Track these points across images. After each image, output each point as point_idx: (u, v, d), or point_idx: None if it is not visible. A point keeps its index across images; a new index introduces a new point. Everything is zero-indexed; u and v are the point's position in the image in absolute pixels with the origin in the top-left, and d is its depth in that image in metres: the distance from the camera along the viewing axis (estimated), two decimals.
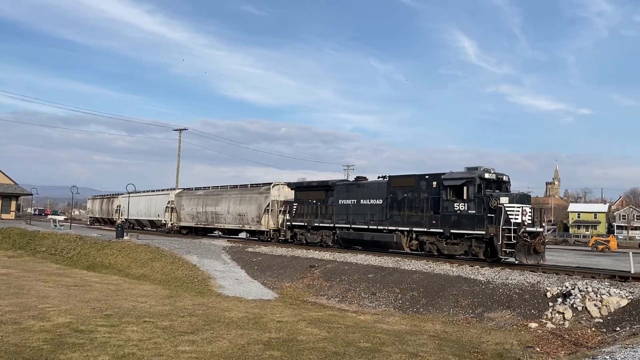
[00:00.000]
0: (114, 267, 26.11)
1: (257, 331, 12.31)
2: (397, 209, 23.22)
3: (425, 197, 22.03)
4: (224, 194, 36.30)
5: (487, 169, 20.93)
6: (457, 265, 20.08)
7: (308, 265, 23.03)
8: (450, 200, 20.88)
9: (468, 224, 20.24)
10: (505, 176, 21.52)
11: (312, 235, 28.16)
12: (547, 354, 11.43)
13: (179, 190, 43.50)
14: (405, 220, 22.77)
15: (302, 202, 28.79)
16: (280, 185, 32.42)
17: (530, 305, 15.27)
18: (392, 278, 19.42)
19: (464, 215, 20.36)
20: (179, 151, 59.68)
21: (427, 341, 12.20)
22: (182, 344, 10.63)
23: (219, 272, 23.53)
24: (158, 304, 15.77)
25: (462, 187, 20.53)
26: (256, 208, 32.39)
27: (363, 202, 25.10)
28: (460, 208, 20.50)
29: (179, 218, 41.14)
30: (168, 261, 25.06)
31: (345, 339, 11.93)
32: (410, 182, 22.97)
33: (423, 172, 22.69)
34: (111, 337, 10.89)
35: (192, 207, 39.36)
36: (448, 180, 21.12)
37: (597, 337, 12.55)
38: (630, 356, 7.73)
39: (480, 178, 20.28)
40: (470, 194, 20.23)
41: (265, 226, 31.58)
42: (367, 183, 25.90)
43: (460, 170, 21.42)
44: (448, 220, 20.92)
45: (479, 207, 19.91)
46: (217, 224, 36.66)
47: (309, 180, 30.88)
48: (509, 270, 18.50)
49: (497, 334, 13.46)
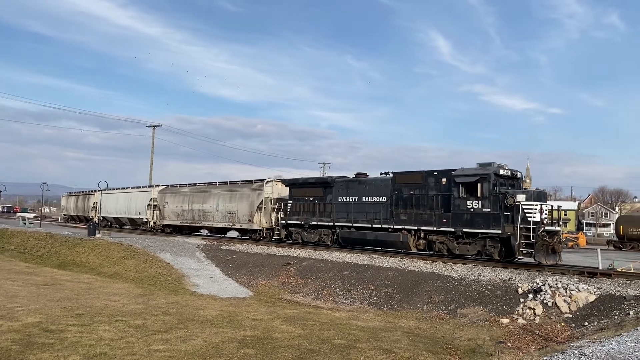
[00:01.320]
0: (86, 265, 25.70)
1: (231, 329, 12.25)
2: (402, 207, 22.23)
3: (434, 194, 21.05)
4: (212, 191, 34.92)
5: (501, 165, 20.01)
6: (431, 262, 20.29)
7: (283, 263, 23.00)
8: (463, 197, 19.90)
9: (482, 223, 19.29)
10: (519, 173, 20.73)
11: (309, 234, 26.97)
12: (518, 349, 11.64)
13: (162, 187, 41.67)
14: (413, 219, 21.72)
15: (298, 200, 27.58)
16: (273, 181, 31.30)
17: (502, 301, 15.53)
18: (367, 275, 19.52)
19: (478, 214, 19.42)
20: (153, 148, 59.04)
21: (401, 337, 12.31)
22: (156, 343, 10.52)
23: (193, 270, 23.33)
24: (131, 303, 15.57)
25: (476, 184, 19.55)
26: (248, 206, 31.23)
27: (365, 200, 24.00)
28: (474, 206, 19.55)
29: (163, 216, 39.67)
30: (141, 259, 24.76)
31: (320, 336, 11.96)
32: (416, 178, 21.95)
33: (431, 169, 21.72)
34: (82, 337, 10.71)
35: (177, 204, 37.87)
36: (460, 177, 20.10)
37: (567, 332, 12.83)
38: (598, 350, 7.92)
39: (495, 175, 19.37)
40: (484, 191, 19.29)
41: (257, 225, 30.49)
42: (369, 180, 24.72)
43: (471, 167, 20.46)
44: (460, 219, 19.96)
45: (494, 205, 19.01)
46: (204, 222, 35.28)
47: (306, 177, 29.23)
48: (481, 266, 18.77)
49: (470, 330, 13.65)
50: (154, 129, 59.78)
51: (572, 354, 7.80)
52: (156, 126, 60.31)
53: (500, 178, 19.59)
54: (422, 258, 21.10)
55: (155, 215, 40.83)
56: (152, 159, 58.89)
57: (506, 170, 19.92)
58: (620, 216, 52.08)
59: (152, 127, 60.14)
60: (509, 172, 20.03)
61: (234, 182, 34.85)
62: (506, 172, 19.89)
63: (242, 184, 33.63)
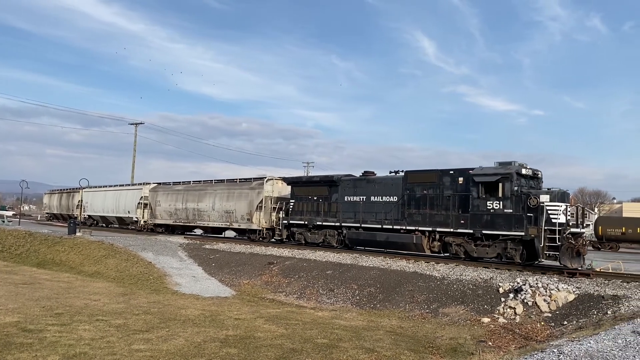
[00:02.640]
0: (66, 264, 25.38)
1: (214, 329, 12.19)
2: (415, 207, 21.29)
3: (450, 194, 20.18)
4: (208, 189, 33.62)
5: (522, 164, 19.15)
6: (414, 261, 20.40)
7: (267, 262, 22.94)
8: (482, 198, 19.00)
9: (504, 225, 18.43)
10: (540, 172, 19.82)
11: (313, 235, 25.84)
12: (498, 348, 11.76)
13: (154, 185, 40.09)
14: (427, 220, 20.79)
15: (301, 199, 26.46)
16: (274, 180, 29.99)
17: (484, 300, 15.68)
18: (350, 274, 19.57)
19: (499, 215, 18.54)
20: (135, 146, 58.51)
21: (383, 336, 12.36)
22: (137, 343, 10.42)
23: (175, 269, 23.17)
24: (112, 302, 15.41)
25: (497, 183, 18.62)
26: (247, 205, 29.92)
27: (374, 200, 22.98)
28: (495, 207, 18.67)
29: (154, 215, 38.10)
30: (122, 258, 24.53)
31: (303, 335, 11.95)
32: (431, 177, 21.07)
33: (446, 167, 20.95)
34: (62, 337, 10.57)
35: (169, 203, 36.42)
36: (480, 176, 19.17)
37: (546, 331, 12.99)
38: (577, 349, 8.03)
39: (517, 174, 18.56)
40: (506, 191, 18.41)
41: (257, 224, 29.23)
42: (378, 179, 23.74)
43: (490, 165, 19.63)
44: (479, 220, 19.08)
45: (517, 206, 18.18)
46: (199, 222, 33.98)
47: (309, 175, 27.98)
48: (463, 266, 18.93)
49: (452, 329, 13.75)
50: (136, 127, 59.25)
51: (551, 353, 7.90)
52: (139, 124, 59.78)
53: (522, 177, 18.84)
54: (405, 257, 21.20)
55: (146, 214, 39.32)
56: (134, 157, 58.39)
57: (528, 170, 19.16)
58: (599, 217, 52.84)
59: (135, 124, 59.60)
60: (530, 172, 19.27)
61: (231, 180, 33.49)
62: (528, 172, 19.12)
63: (240, 182, 32.33)
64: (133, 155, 58.33)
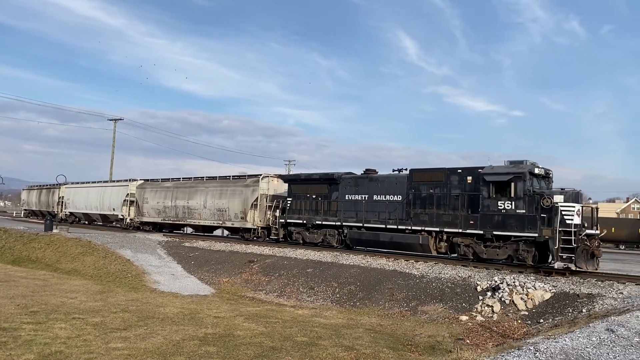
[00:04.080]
0: (42, 261, 25.00)
1: (192, 327, 12.12)
2: (421, 206, 20.61)
3: (458, 193, 19.59)
4: (199, 186, 32.56)
5: (534, 163, 18.56)
6: (394, 259, 20.51)
7: (247, 260, 22.87)
8: (493, 197, 18.38)
9: (516, 225, 17.82)
10: (551, 172, 19.33)
11: (311, 235, 24.93)
12: (476, 345, 11.90)
13: (141, 181, 38.70)
14: (435, 220, 20.10)
15: (299, 197, 25.58)
16: (269, 177, 29.15)
17: (462, 298, 15.84)
18: (331, 272, 19.61)
19: (511, 215, 17.93)
20: (114, 142, 57.80)
21: (363, 334, 12.41)
22: (114, 341, 10.31)
23: (154, 267, 22.97)
24: (89, 300, 15.22)
25: (509, 183, 18.02)
26: (241, 203, 28.96)
27: (377, 199, 22.25)
28: (506, 207, 18.05)
29: (141, 213, 36.84)
30: (100, 255, 24.25)
31: (283, 333, 11.95)
32: (437, 176, 20.43)
33: (453, 166, 20.35)
34: (37, 335, 10.41)
35: (158, 200, 35.16)
36: (490, 175, 18.56)
37: (523, 329, 13.18)
38: (552, 346, 8.17)
39: (530, 173, 18.02)
40: (518, 191, 17.83)
41: (251, 223, 28.25)
42: (382, 177, 22.92)
43: (500, 164, 19.04)
44: (490, 221, 18.44)
45: (530, 206, 17.59)
46: (189, 220, 32.88)
47: (308, 173, 26.49)
48: (442, 264, 19.09)
49: (430, 327, 13.87)
50: (115, 123, 58.57)
51: (527, 350, 8.02)
52: (117, 120, 59.11)
53: (534, 177, 18.31)
54: (385, 256, 21.29)
55: (132, 211, 37.90)
56: (113, 153, 57.69)
57: (540, 169, 18.59)
58: None
59: (114, 120, 58.92)
60: (542, 171, 18.71)
61: (224, 177, 32.59)
62: (540, 171, 18.55)
63: (234, 179, 31.49)
64: (112, 152, 57.67)
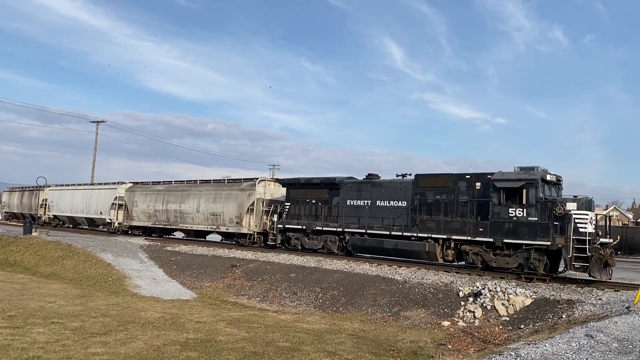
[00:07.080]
0: (20, 264, 24.59)
1: (174, 332, 12.01)
2: (427, 213, 20.02)
3: (466, 199, 19.04)
4: (192, 190, 31.62)
5: (545, 170, 18.09)
6: (377, 264, 20.54)
7: (229, 265, 22.74)
8: (504, 204, 17.84)
9: (528, 233, 17.25)
10: (562, 178, 18.94)
11: (311, 241, 24.22)
12: (458, 351, 11.97)
13: (130, 184, 37.52)
14: (442, 227, 19.49)
15: (298, 202, 24.87)
16: (266, 181, 28.39)
17: (444, 304, 15.92)
18: (314, 277, 19.58)
19: (523, 223, 17.36)
20: (96, 144, 57.24)
21: (345, 340, 12.41)
22: (94, 346, 10.17)
23: (135, 271, 22.72)
24: (68, 304, 15.00)
25: (521, 189, 17.51)
26: (236, 207, 28.09)
27: (380, 204, 21.66)
28: (518, 214, 17.49)
29: (130, 217, 35.69)
30: (80, 259, 23.92)
31: (265, 338, 11.90)
32: (444, 182, 19.90)
33: (461, 172, 19.88)
34: (14, 340, 10.23)
35: (148, 204, 34.13)
36: (501, 181, 18.04)
37: (504, 335, 13.29)
38: (533, 352, 8.25)
39: (542, 180, 17.50)
40: (530, 198, 17.29)
41: (246, 228, 27.44)
42: (385, 182, 22.26)
43: (510, 171, 18.53)
44: (500, 228, 17.85)
45: (542, 214, 17.06)
46: (181, 224, 31.88)
47: (308, 177, 25.96)
48: (424, 270, 19.18)
49: (412, 332, 13.92)
50: (97, 125, 58.01)
51: (508, 356, 8.09)
52: (100, 122, 58.54)
53: (546, 184, 17.82)
54: (368, 261, 21.31)
55: (120, 215, 36.68)
56: (94, 155, 57.12)
57: (552, 176, 18.16)
58: None
59: (96, 122, 58.35)
60: (554, 178, 18.28)
61: (218, 181, 31.72)
62: (552, 178, 18.13)
63: (229, 182, 30.61)
64: (94, 154, 57.09)
